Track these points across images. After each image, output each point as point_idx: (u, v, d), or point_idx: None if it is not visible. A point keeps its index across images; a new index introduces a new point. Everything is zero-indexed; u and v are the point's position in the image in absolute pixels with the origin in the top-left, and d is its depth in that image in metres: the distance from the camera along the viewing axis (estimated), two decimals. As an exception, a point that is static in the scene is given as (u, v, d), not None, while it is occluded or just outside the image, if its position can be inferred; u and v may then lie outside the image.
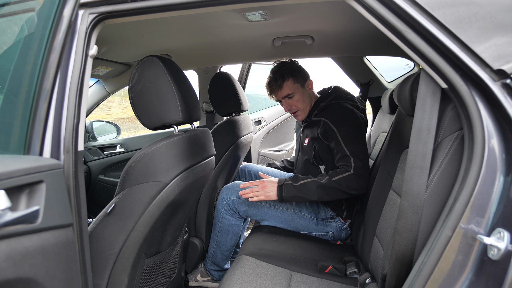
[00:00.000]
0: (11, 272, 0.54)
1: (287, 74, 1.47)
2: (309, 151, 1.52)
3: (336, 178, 1.30)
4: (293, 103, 1.49)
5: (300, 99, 1.49)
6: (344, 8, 0.93)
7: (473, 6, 0.59)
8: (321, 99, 1.51)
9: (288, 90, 1.47)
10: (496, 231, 0.53)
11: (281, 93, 1.48)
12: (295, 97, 1.48)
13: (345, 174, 1.29)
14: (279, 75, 1.47)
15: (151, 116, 0.94)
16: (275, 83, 1.47)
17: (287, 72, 1.47)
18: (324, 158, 1.46)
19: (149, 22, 1.19)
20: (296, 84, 1.48)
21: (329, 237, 1.46)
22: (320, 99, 1.52)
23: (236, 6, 0.75)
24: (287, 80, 1.46)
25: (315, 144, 1.47)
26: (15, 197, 0.58)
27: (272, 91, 1.50)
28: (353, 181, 1.28)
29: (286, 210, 1.44)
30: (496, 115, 0.58)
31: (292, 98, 1.48)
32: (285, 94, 1.47)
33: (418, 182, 0.67)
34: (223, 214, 1.49)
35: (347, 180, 1.28)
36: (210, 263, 1.58)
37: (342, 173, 1.30)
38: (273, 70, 1.51)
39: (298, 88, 1.48)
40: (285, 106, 1.51)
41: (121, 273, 0.91)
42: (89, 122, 2.39)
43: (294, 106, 1.50)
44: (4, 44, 0.80)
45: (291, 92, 1.47)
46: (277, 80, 1.46)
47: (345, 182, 1.28)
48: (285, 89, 1.47)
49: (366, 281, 1.07)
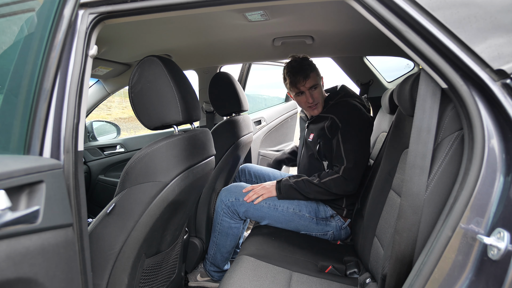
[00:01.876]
0: (11, 272, 0.54)
1: (312, 66, 1.49)
2: (313, 147, 1.53)
3: (325, 179, 1.37)
4: (316, 95, 1.50)
5: (320, 92, 1.52)
6: (344, 8, 0.93)
7: (473, 6, 0.59)
8: (330, 97, 1.54)
9: (314, 81, 1.48)
10: (496, 231, 0.53)
11: (308, 83, 1.47)
12: (318, 89, 1.50)
13: (334, 176, 1.36)
14: (307, 65, 1.47)
15: (151, 116, 0.94)
16: (302, 73, 1.46)
17: (311, 64, 1.50)
18: (327, 155, 1.48)
19: (149, 22, 1.19)
20: (318, 77, 1.51)
21: (329, 236, 1.46)
22: (329, 97, 1.55)
23: (236, 6, 0.75)
24: (312, 72, 1.48)
25: (319, 139, 1.49)
26: (15, 197, 0.58)
27: (297, 81, 1.47)
28: (341, 183, 1.34)
29: (286, 211, 1.44)
30: (496, 115, 0.58)
31: (316, 89, 1.50)
32: (312, 84, 1.48)
33: (418, 182, 0.67)
34: (222, 216, 1.49)
35: (335, 182, 1.35)
36: (209, 264, 1.58)
37: (332, 175, 1.37)
38: (296, 61, 1.50)
39: (319, 81, 1.51)
40: (309, 97, 1.50)
41: (121, 273, 0.91)
42: (89, 122, 2.39)
43: (316, 98, 1.50)
44: (4, 44, 0.80)
45: (316, 83, 1.48)
46: (306, 70, 1.46)
47: (333, 184, 1.35)
48: (312, 79, 1.47)
49: (366, 281, 1.07)
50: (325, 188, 1.36)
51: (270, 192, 1.44)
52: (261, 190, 1.45)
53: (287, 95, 2.94)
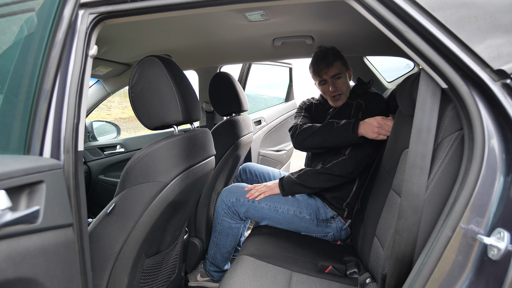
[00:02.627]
0: (11, 272, 0.54)
1: (337, 54, 1.47)
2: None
3: (329, 165, 1.36)
4: (339, 84, 1.48)
5: (345, 82, 1.50)
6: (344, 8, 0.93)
7: (473, 7, 0.59)
8: (357, 87, 1.53)
9: (337, 69, 1.46)
10: (496, 231, 0.53)
11: (331, 71, 1.46)
12: (342, 79, 1.48)
13: (339, 159, 1.35)
14: (331, 53, 1.46)
15: (151, 116, 0.94)
16: (325, 61, 1.45)
17: (337, 53, 1.48)
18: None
19: (149, 22, 1.19)
20: (343, 66, 1.49)
21: (329, 237, 1.46)
22: (357, 86, 1.53)
23: (236, 6, 0.75)
24: (336, 61, 1.46)
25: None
26: (15, 197, 0.58)
27: (320, 69, 1.47)
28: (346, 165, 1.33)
29: (286, 212, 1.44)
30: (496, 115, 0.58)
31: (340, 79, 1.48)
32: (335, 73, 1.46)
33: (418, 182, 0.67)
34: (222, 216, 1.48)
35: (339, 165, 1.34)
36: (210, 264, 1.58)
37: (337, 158, 1.35)
38: (321, 50, 1.49)
39: (344, 72, 1.49)
40: (332, 86, 1.48)
41: (121, 273, 0.91)
42: (89, 122, 2.39)
43: (339, 88, 1.49)
44: (4, 44, 0.80)
45: (339, 72, 1.46)
46: (329, 58, 1.44)
47: (338, 167, 1.34)
48: (335, 67, 1.46)
49: (366, 281, 1.07)
50: (328, 172, 1.34)
51: (272, 190, 1.44)
52: (263, 188, 1.45)
53: (287, 95, 2.94)
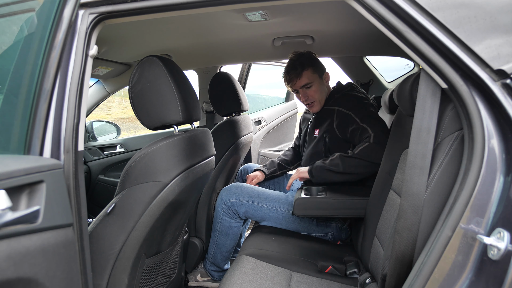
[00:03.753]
0: (11, 272, 0.54)
1: (307, 63, 1.46)
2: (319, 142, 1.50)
3: (358, 150, 1.30)
4: (311, 93, 1.48)
5: (317, 90, 1.48)
6: (344, 8, 0.93)
7: (473, 7, 0.59)
8: (336, 91, 1.51)
9: (306, 80, 1.45)
10: (496, 231, 0.53)
11: (299, 82, 1.46)
12: (313, 87, 1.47)
13: (365, 145, 1.29)
14: (298, 63, 1.45)
15: (151, 116, 0.94)
16: (294, 72, 1.45)
17: (307, 62, 1.46)
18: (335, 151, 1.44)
19: (149, 22, 1.19)
20: (315, 74, 1.47)
21: (329, 237, 1.46)
22: (335, 90, 1.52)
23: (236, 6, 0.75)
24: (306, 70, 1.45)
25: (325, 135, 1.46)
26: (16, 197, 0.58)
27: (290, 80, 1.48)
28: (375, 150, 1.27)
29: (286, 212, 1.44)
30: (496, 115, 0.58)
31: (310, 88, 1.47)
32: (303, 84, 1.46)
33: (418, 182, 0.67)
34: (222, 216, 1.48)
35: (368, 150, 1.28)
36: (210, 264, 1.58)
37: (363, 144, 1.30)
38: (292, 59, 1.49)
39: (316, 79, 1.48)
40: (302, 96, 1.49)
41: (121, 273, 0.91)
42: (89, 122, 2.39)
43: (311, 96, 1.48)
44: (4, 44, 0.80)
45: (309, 82, 1.46)
46: (297, 69, 1.44)
47: (366, 152, 1.28)
48: (304, 78, 1.45)
49: (366, 281, 1.07)
50: (360, 157, 1.28)
51: (303, 173, 1.40)
52: (295, 174, 1.43)
53: (287, 95, 2.94)
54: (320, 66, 1.51)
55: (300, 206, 1.29)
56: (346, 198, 1.28)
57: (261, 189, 1.52)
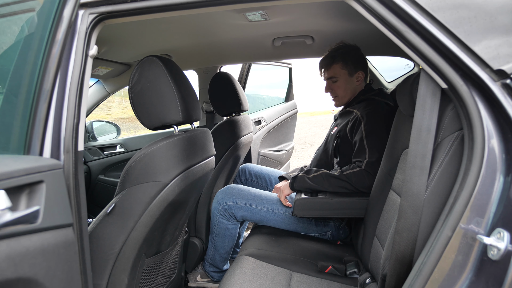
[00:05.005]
0: (11, 272, 0.54)
1: (339, 57, 1.44)
2: (332, 141, 1.50)
3: (347, 172, 1.30)
4: (335, 87, 1.48)
5: (342, 86, 1.46)
6: (344, 8, 0.93)
7: (474, 7, 0.59)
8: (363, 92, 1.48)
9: (332, 73, 1.45)
10: (496, 231, 0.53)
11: (326, 74, 1.47)
12: (338, 82, 1.46)
13: (356, 170, 1.29)
14: (331, 56, 1.45)
15: (151, 116, 0.94)
16: (324, 62, 1.46)
17: (340, 56, 1.44)
18: (342, 151, 1.44)
19: (149, 22, 1.19)
20: (344, 70, 1.45)
21: (328, 236, 1.46)
22: (362, 92, 1.48)
23: (236, 6, 0.75)
24: (336, 63, 1.44)
25: (339, 134, 1.45)
26: (15, 197, 0.58)
27: (320, 68, 1.49)
28: (363, 177, 1.27)
29: (284, 214, 1.43)
30: (496, 115, 0.58)
31: (336, 82, 1.47)
32: (329, 76, 1.47)
33: (418, 182, 0.67)
34: (219, 218, 1.48)
35: (357, 176, 1.28)
36: (209, 265, 1.58)
37: (354, 168, 1.30)
38: (331, 49, 1.48)
39: (344, 75, 1.45)
40: (326, 87, 1.50)
41: (121, 273, 0.91)
42: (89, 122, 2.39)
43: (334, 90, 1.48)
44: (4, 44, 0.80)
45: (335, 76, 1.45)
46: (327, 60, 1.45)
47: (355, 178, 1.28)
48: (331, 71, 1.45)
49: (366, 281, 1.07)
50: (346, 180, 1.29)
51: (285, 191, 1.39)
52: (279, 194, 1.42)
53: (287, 95, 2.94)
54: (354, 63, 1.45)
55: (300, 207, 1.29)
56: (346, 198, 1.28)
57: (258, 191, 1.51)
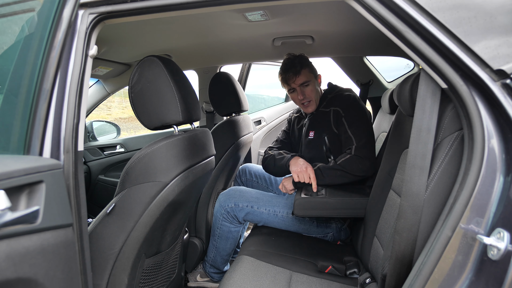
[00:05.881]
0: (11, 272, 0.54)
1: (304, 62, 1.50)
2: (317, 144, 1.50)
3: (340, 161, 1.35)
4: (308, 92, 1.50)
5: (314, 89, 1.51)
6: (344, 8, 0.93)
7: (473, 7, 0.59)
8: (328, 91, 1.56)
9: (304, 78, 1.48)
10: (496, 231, 0.53)
11: (298, 80, 1.49)
12: (310, 86, 1.50)
13: (347, 157, 1.34)
14: (298, 62, 1.48)
15: (151, 116, 0.94)
16: (293, 69, 1.48)
17: (304, 61, 1.50)
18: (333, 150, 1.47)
19: (149, 22, 1.19)
20: (311, 74, 1.51)
21: (329, 238, 1.46)
22: (328, 91, 1.57)
23: (236, 6, 0.75)
24: (304, 68, 1.48)
25: (324, 134, 1.46)
26: (15, 197, 0.58)
27: (289, 78, 1.50)
28: (355, 162, 1.32)
29: (286, 216, 1.43)
30: (496, 115, 0.58)
31: (308, 86, 1.50)
32: (302, 81, 1.49)
33: (418, 182, 0.67)
34: (221, 221, 1.48)
35: (350, 162, 1.32)
36: (209, 266, 1.58)
37: (345, 156, 1.35)
38: (289, 58, 1.52)
39: (312, 78, 1.51)
40: (300, 94, 1.51)
41: (121, 273, 0.91)
42: (89, 122, 2.39)
43: (308, 95, 1.51)
44: (4, 44, 0.80)
45: (307, 80, 1.49)
46: (296, 66, 1.47)
47: (348, 164, 1.32)
48: (302, 76, 1.48)
49: (366, 281, 1.07)
50: (340, 169, 1.33)
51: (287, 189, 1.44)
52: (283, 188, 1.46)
53: (287, 95, 2.94)
54: (314, 67, 1.56)
55: (300, 206, 1.29)
56: (346, 198, 1.28)
57: (260, 193, 1.51)
